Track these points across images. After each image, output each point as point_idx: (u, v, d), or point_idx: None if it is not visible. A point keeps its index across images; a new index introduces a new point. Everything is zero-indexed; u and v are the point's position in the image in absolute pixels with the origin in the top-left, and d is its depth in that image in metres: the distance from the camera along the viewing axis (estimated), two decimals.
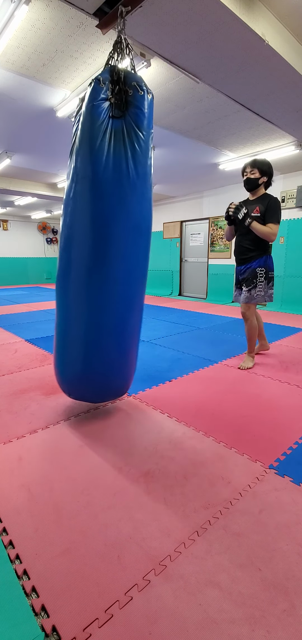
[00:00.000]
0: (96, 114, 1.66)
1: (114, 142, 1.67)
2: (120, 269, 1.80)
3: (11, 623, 0.92)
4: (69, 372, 1.98)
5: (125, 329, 1.91)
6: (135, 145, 1.70)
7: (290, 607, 0.96)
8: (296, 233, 6.35)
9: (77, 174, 1.74)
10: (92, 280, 1.78)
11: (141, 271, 1.91)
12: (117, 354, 1.93)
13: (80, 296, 1.83)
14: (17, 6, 2.11)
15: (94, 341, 1.86)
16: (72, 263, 1.83)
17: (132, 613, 0.94)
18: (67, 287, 1.87)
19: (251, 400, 2.35)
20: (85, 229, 1.75)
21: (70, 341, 1.92)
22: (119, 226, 1.74)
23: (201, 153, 5.23)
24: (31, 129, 4.31)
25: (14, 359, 3.35)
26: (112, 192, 1.70)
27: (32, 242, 12.90)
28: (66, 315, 1.91)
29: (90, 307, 1.82)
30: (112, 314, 1.84)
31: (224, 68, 2.70)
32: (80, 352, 1.90)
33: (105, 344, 1.88)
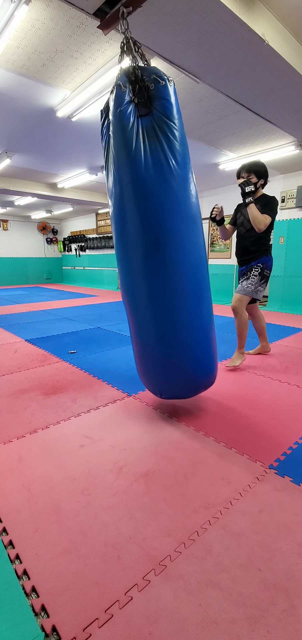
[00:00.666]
0: (125, 119, 1.66)
1: (148, 140, 1.67)
2: (184, 261, 1.80)
3: (11, 623, 0.92)
4: (151, 376, 2.03)
5: (199, 320, 1.91)
6: (170, 135, 1.69)
7: (290, 607, 0.96)
8: (296, 233, 6.35)
9: (120, 182, 1.74)
10: (160, 280, 1.79)
11: (203, 258, 1.90)
12: (196, 346, 1.93)
13: (149, 300, 1.84)
14: (17, 6, 2.10)
15: (172, 339, 1.87)
16: (133, 272, 1.85)
17: (132, 613, 0.94)
18: (135, 295, 1.90)
19: (251, 400, 2.35)
20: (141, 232, 1.76)
21: (150, 344, 1.94)
22: (173, 221, 1.74)
23: (201, 153, 5.23)
24: (31, 129, 4.30)
25: (14, 359, 3.35)
26: (159, 189, 1.70)
27: (32, 242, 12.90)
28: (141, 321, 1.93)
29: (161, 307, 1.83)
30: (184, 308, 1.84)
31: (224, 68, 2.70)
32: (155, 355, 1.93)
33: (183, 340, 1.88)
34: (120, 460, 1.66)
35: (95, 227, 11.51)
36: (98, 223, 11.33)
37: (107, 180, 1.88)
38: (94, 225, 11.53)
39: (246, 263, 3.01)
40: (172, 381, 1.99)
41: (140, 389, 2.56)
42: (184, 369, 1.94)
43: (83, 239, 12.10)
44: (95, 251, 11.70)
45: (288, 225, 6.43)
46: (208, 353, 1.99)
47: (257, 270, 2.91)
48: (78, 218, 12.41)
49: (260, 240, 2.90)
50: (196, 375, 1.99)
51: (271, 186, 6.51)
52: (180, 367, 1.93)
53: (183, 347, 1.89)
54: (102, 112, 1.87)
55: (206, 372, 2.01)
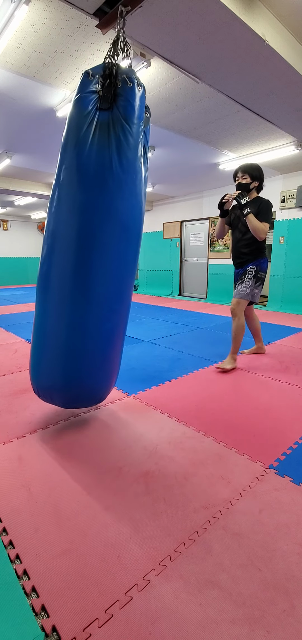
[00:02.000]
0: (82, 106, 1.65)
1: (98, 133, 1.64)
2: (103, 267, 1.72)
3: (11, 623, 0.92)
4: (44, 375, 1.86)
5: (106, 332, 1.80)
6: (121, 138, 1.65)
7: (290, 607, 0.96)
8: (296, 233, 6.35)
9: (61, 164, 1.72)
10: (75, 278, 1.70)
11: (127, 271, 1.81)
12: (96, 357, 1.82)
13: (62, 295, 1.73)
14: (17, 6, 2.10)
15: (72, 344, 1.76)
16: (54, 259, 1.75)
17: (132, 613, 0.94)
18: (48, 285, 1.78)
19: (251, 400, 2.35)
20: (69, 222, 1.70)
21: (48, 343, 1.82)
22: (101, 221, 1.67)
23: (201, 153, 5.23)
24: (31, 129, 4.30)
25: (14, 359, 3.35)
26: (94, 184, 1.65)
27: (32, 242, 12.90)
28: (46, 316, 1.81)
29: (71, 307, 1.73)
30: (93, 316, 1.74)
31: (224, 68, 2.70)
32: (58, 355, 1.79)
33: (84, 348, 1.77)
34: (120, 460, 1.66)
35: None
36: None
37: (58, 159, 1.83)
38: None
39: (241, 266, 3.03)
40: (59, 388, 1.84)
41: (140, 389, 2.56)
42: (72, 376, 1.81)
43: None
44: None
45: (288, 225, 6.43)
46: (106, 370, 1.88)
47: (251, 273, 2.93)
48: None
49: (255, 244, 2.92)
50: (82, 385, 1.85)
51: (271, 186, 6.51)
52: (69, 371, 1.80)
53: (82, 358, 1.78)
54: None
55: (99, 387, 1.91)
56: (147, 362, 3.20)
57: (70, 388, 1.84)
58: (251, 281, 2.92)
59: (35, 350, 1.89)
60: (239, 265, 3.06)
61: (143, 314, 5.90)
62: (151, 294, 9.36)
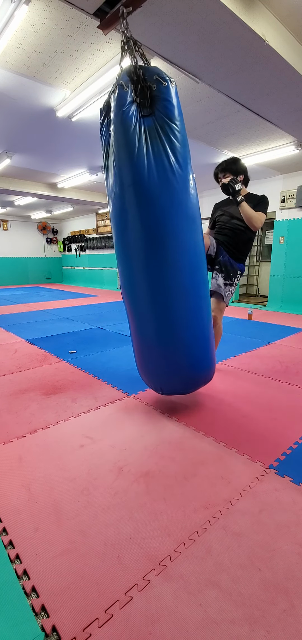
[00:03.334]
0: (128, 120, 1.65)
1: (151, 141, 1.67)
2: (183, 261, 1.82)
3: (11, 623, 0.92)
4: (151, 372, 2.08)
5: (198, 319, 1.94)
6: (172, 137, 1.70)
7: (290, 607, 0.96)
8: (296, 233, 6.35)
9: (121, 183, 1.73)
10: (158, 281, 1.82)
11: (202, 258, 1.93)
12: (195, 344, 1.96)
13: (150, 300, 1.87)
14: (17, 6, 2.10)
15: (171, 337, 1.90)
16: (134, 272, 1.87)
17: (132, 613, 0.94)
18: (136, 295, 1.92)
19: (251, 400, 2.35)
20: (140, 236, 1.77)
21: (150, 342, 1.97)
22: (174, 222, 1.76)
23: (201, 153, 5.23)
24: (31, 129, 4.30)
25: (14, 359, 3.35)
26: (161, 192, 1.70)
27: (32, 242, 12.90)
28: (141, 319, 1.96)
29: (162, 306, 1.86)
30: (184, 308, 1.87)
31: (224, 68, 2.70)
32: (155, 352, 1.97)
33: (183, 338, 1.91)
34: (120, 460, 1.66)
35: (95, 227, 11.51)
36: (98, 223, 11.33)
37: (107, 180, 1.88)
38: (94, 225, 11.53)
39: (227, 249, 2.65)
40: (172, 377, 2.03)
41: (140, 389, 2.56)
42: (184, 366, 1.97)
43: (83, 239, 12.10)
44: (95, 251, 11.70)
45: (288, 225, 6.43)
46: (206, 350, 2.02)
47: (238, 278, 2.67)
48: (78, 218, 12.41)
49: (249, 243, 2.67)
50: (195, 371, 2.04)
51: (271, 186, 6.52)
52: (179, 364, 1.96)
53: (182, 345, 1.92)
54: (101, 110, 1.86)
55: (204, 368, 2.06)
56: None
57: (184, 376, 2.02)
58: (234, 287, 2.65)
59: (144, 354, 2.07)
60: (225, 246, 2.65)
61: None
62: None
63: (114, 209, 1.85)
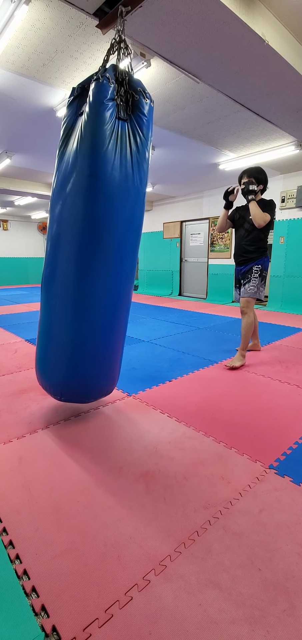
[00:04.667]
0: (106, 114, 1.65)
1: (120, 144, 1.70)
2: (120, 268, 1.81)
3: (11, 623, 0.92)
4: (52, 372, 1.94)
5: (113, 328, 1.91)
6: (139, 150, 1.75)
7: (290, 607, 0.96)
8: (296, 233, 6.35)
9: (82, 170, 1.70)
10: (80, 278, 1.76)
11: (130, 269, 1.92)
12: (103, 352, 1.92)
13: (66, 294, 1.81)
14: (17, 6, 2.10)
15: (80, 341, 1.84)
16: (60, 261, 1.81)
17: (132, 613, 0.94)
18: (53, 286, 1.85)
19: (251, 400, 2.35)
20: (83, 225, 1.73)
21: (56, 342, 1.89)
22: (117, 225, 1.75)
23: (201, 153, 5.23)
24: (31, 129, 4.30)
25: (14, 359, 3.35)
26: (118, 193, 1.72)
27: (32, 242, 12.90)
28: (51, 314, 1.89)
29: (76, 305, 1.80)
30: (98, 313, 1.83)
31: (224, 68, 2.70)
32: (66, 352, 1.87)
33: (92, 344, 1.86)
34: (120, 460, 1.66)
35: None
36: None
37: (60, 162, 1.81)
38: None
39: (245, 263, 3.10)
40: (69, 386, 1.93)
41: (140, 389, 2.56)
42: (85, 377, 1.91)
43: None
44: None
45: (288, 225, 6.43)
46: (112, 362, 1.98)
47: (257, 272, 3.02)
48: None
49: (259, 242, 3.01)
50: (95, 383, 1.97)
51: (271, 186, 6.51)
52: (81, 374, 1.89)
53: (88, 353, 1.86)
54: (74, 90, 1.83)
55: (106, 380, 2.01)
56: (148, 362, 3.20)
57: (77, 384, 1.93)
58: (258, 280, 3.02)
59: (42, 348, 1.98)
60: (242, 263, 3.12)
61: (143, 314, 5.90)
62: (151, 294, 9.36)
63: (58, 191, 1.80)
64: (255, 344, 3.53)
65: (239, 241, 3.15)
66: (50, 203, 1.88)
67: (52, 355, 1.93)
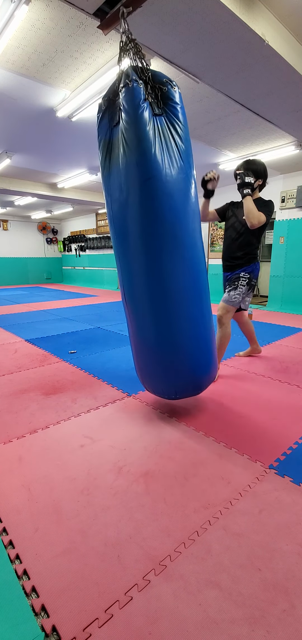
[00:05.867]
0: (144, 117, 1.67)
1: (164, 140, 1.72)
2: (194, 261, 1.85)
3: (11, 623, 0.92)
4: (148, 372, 2.04)
5: (201, 320, 1.96)
6: (179, 138, 1.77)
7: (290, 607, 0.96)
8: (296, 233, 6.35)
9: (138, 177, 1.70)
10: (169, 280, 1.81)
11: (203, 257, 1.96)
12: (196, 347, 1.96)
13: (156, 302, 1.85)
14: (17, 6, 2.10)
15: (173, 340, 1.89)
16: (139, 272, 1.84)
17: (132, 613, 0.94)
18: (139, 299, 1.89)
19: (251, 401, 2.35)
20: (155, 229, 1.76)
21: (148, 344, 1.96)
22: (187, 218, 1.79)
23: (201, 153, 5.23)
24: (31, 129, 4.30)
25: (14, 359, 3.35)
26: (175, 189, 1.74)
27: (32, 242, 12.90)
28: (142, 320, 1.93)
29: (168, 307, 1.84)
30: (188, 307, 1.88)
31: (224, 68, 2.70)
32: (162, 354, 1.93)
33: (184, 341, 1.91)
34: (120, 460, 1.66)
35: (95, 227, 11.51)
36: (98, 223, 11.33)
37: (110, 178, 1.84)
38: (94, 225, 11.53)
39: (232, 269, 2.80)
40: (174, 381, 1.98)
41: (140, 389, 2.56)
42: (185, 369, 1.94)
43: (83, 239, 12.10)
44: (95, 251, 11.70)
45: (288, 225, 6.43)
46: (207, 353, 2.01)
47: (245, 280, 2.73)
48: (78, 218, 12.41)
49: (249, 246, 2.71)
50: (197, 374, 2.00)
51: (271, 186, 6.51)
52: (181, 367, 1.93)
53: (182, 348, 1.90)
54: (101, 105, 1.84)
55: (205, 371, 2.03)
56: None
57: (176, 382, 1.99)
58: (244, 288, 2.72)
59: (143, 355, 2.03)
60: (229, 269, 2.82)
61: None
62: None
63: (120, 207, 1.81)
64: (254, 349, 3.39)
65: (228, 242, 2.80)
66: (109, 223, 1.91)
67: (147, 360, 2.00)
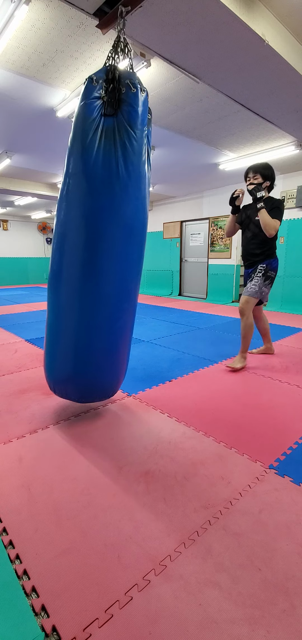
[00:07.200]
0: (88, 112, 1.66)
1: (104, 140, 1.66)
2: (111, 268, 1.78)
3: (11, 623, 0.92)
4: (58, 371, 1.96)
5: (115, 330, 1.88)
6: (127, 144, 1.68)
7: (290, 607, 0.96)
8: (296, 233, 6.35)
9: (68, 170, 1.75)
10: (84, 278, 1.77)
11: (134, 271, 1.89)
12: (106, 354, 1.91)
13: (72, 294, 1.82)
14: (17, 6, 2.10)
15: (83, 341, 1.85)
16: (64, 260, 1.81)
17: (132, 613, 0.94)
18: (59, 285, 1.85)
19: (251, 400, 2.35)
20: (77, 225, 1.75)
21: (60, 340, 1.91)
22: (108, 224, 1.73)
23: (201, 153, 5.23)
24: (31, 129, 4.31)
25: (14, 359, 3.35)
26: (101, 189, 1.68)
27: (32, 242, 12.90)
28: (57, 314, 1.89)
29: (81, 305, 1.80)
30: (102, 314, 1.82)
31: (224, 68, 2.70)
32: (70, 351, 1.88)
33: (95, 345, 1.86)
34: (121, 460, 1.66)
35: None
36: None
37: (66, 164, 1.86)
38: None
39: (252, 265, 3.02)
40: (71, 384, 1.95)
41: (140, 389, 2.56)
42: (87, 376, 1.92)
43: None
44: None
45: (288, 225, 6.43)
46: (114, 365, 1.97)
47: (261, 271, 2.92)
48: None
49: (266, 244, 2.91)
50: (97, 384, 1.97)
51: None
52: (83, 373, 1.91)
53: (91, 353, 1.87)
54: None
55: (108, 382, 2.00)
56: (148, 362, 3.20)
57: (82, 383, 1.95)
58: (260, 279, 2.91)
59: (49, 347, 1.98)
60: (249, 266, 3.05)
61: (143, 314, 5.90)
62: (151, 294, 9.36)
63: (60, 194, 1.83)
64: (268, 347, 3.43)
65: (245, 244, 3.05)
66: (57, 203, 1.89)
67: (59, 355, 1.94)
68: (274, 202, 2.84)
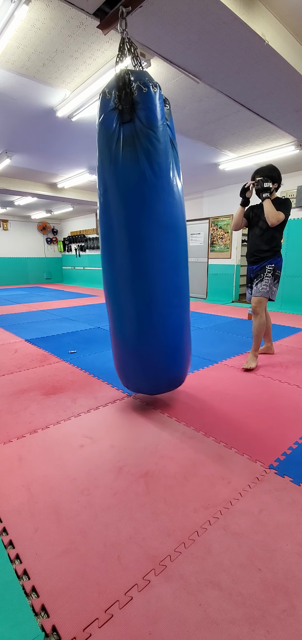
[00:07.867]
0: (107, 125, 1.69)
1: (126, 148, 1.69)
2: (156, 268, 1.85)
3: (11, 623, 0.92)
4: (127, 370, 2.12)
5: (167, 324, 1.96)
6: (149, 146, 1.70)
7: (290, 607, 0.96)
8: (296, 233, 6.34)
9: (100, 187, 1.84)
10: (135, 280, 1.86)
11: (178, 266, 1.97)
12: (166, 349, 1.99)
13: (127, 297, 1.92)
14: (17, 6, 2.10)
15: (142, 337, 1.95)
16: (116, 269, 1.91)
17: (132, 613, 0.94)
18: (117, 294, 1.97)
19: (251, 400, 2.35)
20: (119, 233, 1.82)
21: (124, 338, 2.03)
22: (141, 228, 1.78)
23: (201, 153, 5.23)
24: (31, 129, 4.30)
25: (14, 359, 3.35)
26: (131, 197, 1.73)
27: (32, 242, 12.90)
28: (119, 316, 2.01)
29: (136, 305, 1.91)
30: (154, 310, 1.91)
31: (224, 68, 2.70)
32: (133, 352, 2.02)
33: (152, 339, 1.95)
34: (121, 460, 1.66)
35: (95, 227, 11.51)
36: (98, 223, 11.31)
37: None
38: (94, 225, 11.53)
39: (258, 262, 3.04)
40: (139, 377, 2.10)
41: None
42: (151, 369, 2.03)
43: (83, 239, 12.10)
44: (95, 251, 11.70)
45: (288, 225, 6.42)
46: (171, 359, 2.05)
47: (270, 271, 2.98)
48: (78, 218, 12.41)
49: (273, 241, 2.97)
50: (160, 375, 2.07)
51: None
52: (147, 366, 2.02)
53: (150, 347, 1.97)
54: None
55: (169, 373, 2.10)
56: None
57: (149, 379, 2.09)
58: (270, 279, 2.97)
59: (116, 350, 2.14)
60: (255, 262, 3.07)
61: None
62: None
63: (100, 211, 1.92)
64: (268, 347, 3.45)
65: (253, 240, 3.08)
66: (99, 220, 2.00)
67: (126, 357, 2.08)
68: (281, 200, 2.93)
